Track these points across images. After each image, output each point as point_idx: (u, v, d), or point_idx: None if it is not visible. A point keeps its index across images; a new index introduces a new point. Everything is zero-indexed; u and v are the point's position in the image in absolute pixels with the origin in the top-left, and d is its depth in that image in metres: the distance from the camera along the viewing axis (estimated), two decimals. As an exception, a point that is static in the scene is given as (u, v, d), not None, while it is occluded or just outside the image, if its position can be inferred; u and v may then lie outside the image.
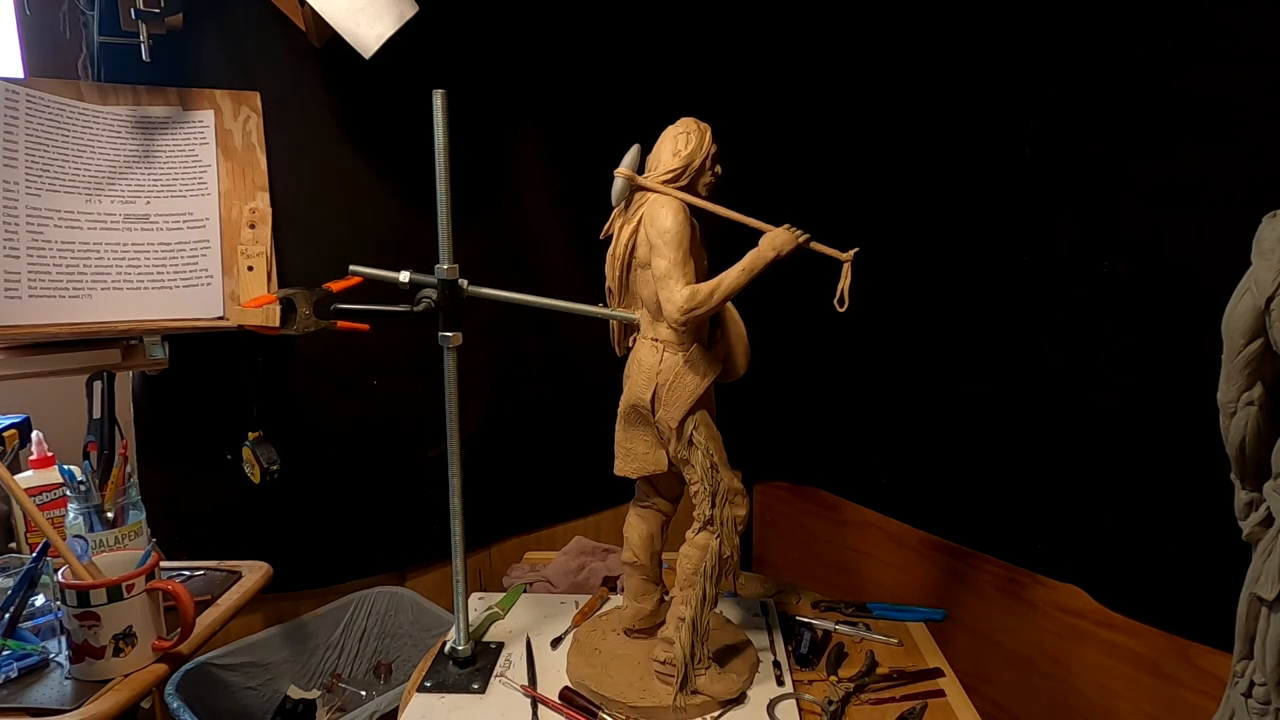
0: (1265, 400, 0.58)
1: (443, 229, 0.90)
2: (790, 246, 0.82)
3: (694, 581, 0.88)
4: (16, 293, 1.00)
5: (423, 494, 1.39)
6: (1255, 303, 0.56)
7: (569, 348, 1.53)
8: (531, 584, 1.26)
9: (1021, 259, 1.19)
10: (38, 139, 1.05)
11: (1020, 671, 1.28)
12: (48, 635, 0.91)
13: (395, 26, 1.06)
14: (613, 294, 0.92)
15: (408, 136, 1.24)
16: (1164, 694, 1.07)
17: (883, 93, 1.38)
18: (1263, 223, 0.57)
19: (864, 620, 1.10)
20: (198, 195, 1.15)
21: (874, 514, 1.55)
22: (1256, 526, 0.61)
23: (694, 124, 0.87)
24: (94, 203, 1.08)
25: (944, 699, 0.93)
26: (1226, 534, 0.64)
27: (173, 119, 1.14)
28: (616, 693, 0.90)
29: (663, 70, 1.52)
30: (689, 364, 0.85)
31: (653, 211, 0.84)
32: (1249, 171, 0.90)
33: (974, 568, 1.35)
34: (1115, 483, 1.10)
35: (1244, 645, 0.61)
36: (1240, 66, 0.91)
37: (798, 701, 0.91)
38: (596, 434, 1.04)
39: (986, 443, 1.28)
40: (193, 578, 1.04)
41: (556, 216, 1.49)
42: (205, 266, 1.13)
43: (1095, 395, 1.11)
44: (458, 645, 0.98)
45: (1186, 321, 0.98)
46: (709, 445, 0.87)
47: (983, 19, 1.20)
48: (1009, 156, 1.18)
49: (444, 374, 0.93)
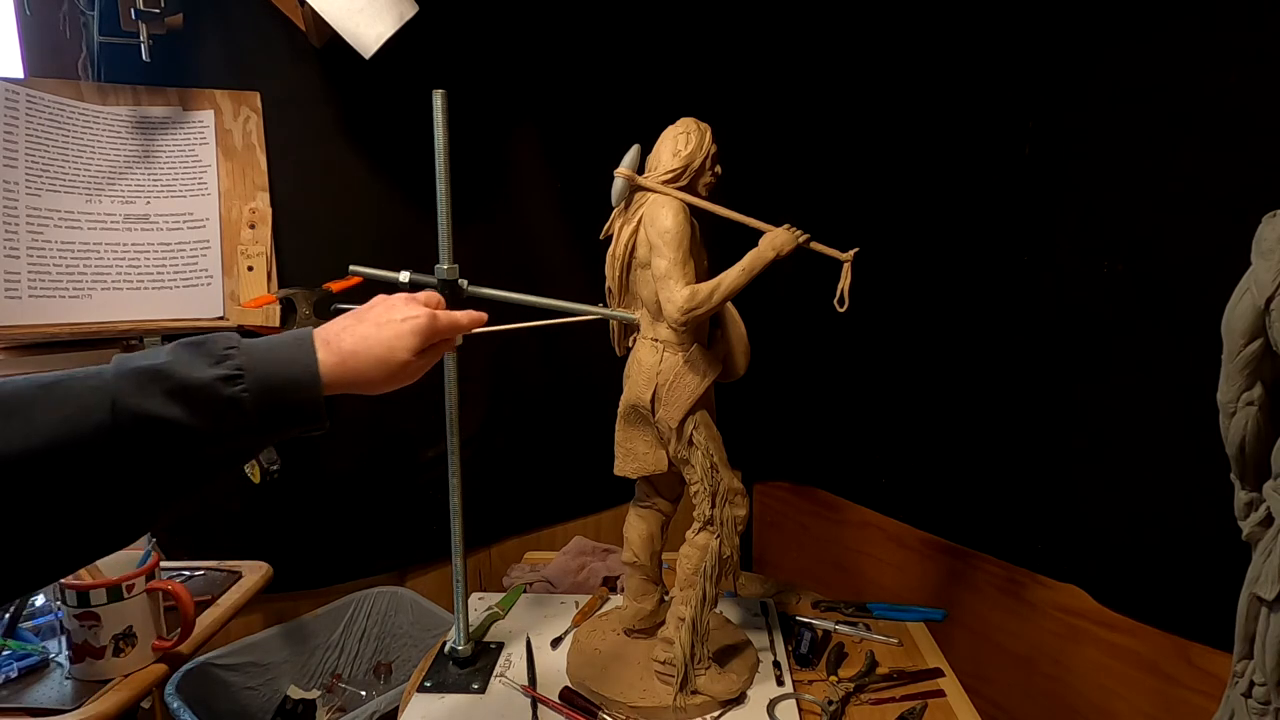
0: (1265, 400, 0.58)
1: (443, 229, 0.90)
2: (790, 247, 0.82)
3: (694, 581, 0.88)
4: (16, 293, 1.00)
5: (423, 494, 1.39)
6: (1255, 303, 0.56)
7: (569, 348, 1.53)
8: (531, 584, 1.26)
9: (1021, 259, 1.19)
10: (38, 139, 1.05)
11: (1020, 671, 1.28)
12: (48, 635, 0.91)
13: (395, 26, 1.06)
14: (613, 294, 0.92)
15: (407, 137, 1.24)
16: (1164, 694, 1.07)
17: (883, 93, 1.38)
18: (1263, 223, 0.57)
19: (864, 620, 1.10)
20: (198, 195, 1.15)
21: (874, 514, 1.55)
22: (1256, 526, 0.61)
23: (694, 124, 0.87)
24: (94, 203, 1.08)
25: (944, 699, 0.93)
26: (1226, 534, 0.64)
27: (173, 119, 1.14)
28: (617, 693, 0.90)
29: (663, 70, 1.52)
30: (689, 364, 0.85)
31: (653, 211, 0.84)
32: (1249, 171, 0.90)
33: (974, 568, 1.35)
34: (1115, 483, 1.10)
35: (1244, 645, 0.61)
36: (1240, 66, 0.91)
37: (798, 701, 0.91)
38: (596, 434, 1.04)
39: (986, 443, 1.28)
40: (193, 578, 1.04)
41: (556, 217, 1.49)
42: (205, 266, 1.13)
43: (1095, 395, 1.11)
44: (458, 645, 0.98)
45: (1186, 321, 0.98)
46: (709, 445, 0.87)
47: (983, 19, 1.20)
48: (1009, 156, 1.18)
49: (444, 374, 0.93)
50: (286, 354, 0.53)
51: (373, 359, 0.57)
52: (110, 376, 0.47)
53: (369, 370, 0.57)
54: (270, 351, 0.52)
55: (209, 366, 0.49)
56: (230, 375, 0.49)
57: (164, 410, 0.47)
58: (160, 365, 0.48)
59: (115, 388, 0.46)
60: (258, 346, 0.52)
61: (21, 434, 0.43)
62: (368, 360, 0.57)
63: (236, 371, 0.50)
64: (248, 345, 0.52)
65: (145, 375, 0.47)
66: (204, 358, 0.50)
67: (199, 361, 0.49)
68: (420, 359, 0.61)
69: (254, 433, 0.51)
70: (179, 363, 0.49)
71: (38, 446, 0.43)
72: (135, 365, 0.48)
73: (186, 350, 0.50)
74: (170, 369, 0.48)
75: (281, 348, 0.53)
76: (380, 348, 0.58)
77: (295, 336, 0.55)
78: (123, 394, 0.46)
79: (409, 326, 0.60)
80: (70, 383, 0.46)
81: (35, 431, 0.43)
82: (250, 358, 0.51)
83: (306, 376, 0.53)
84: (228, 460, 0.51)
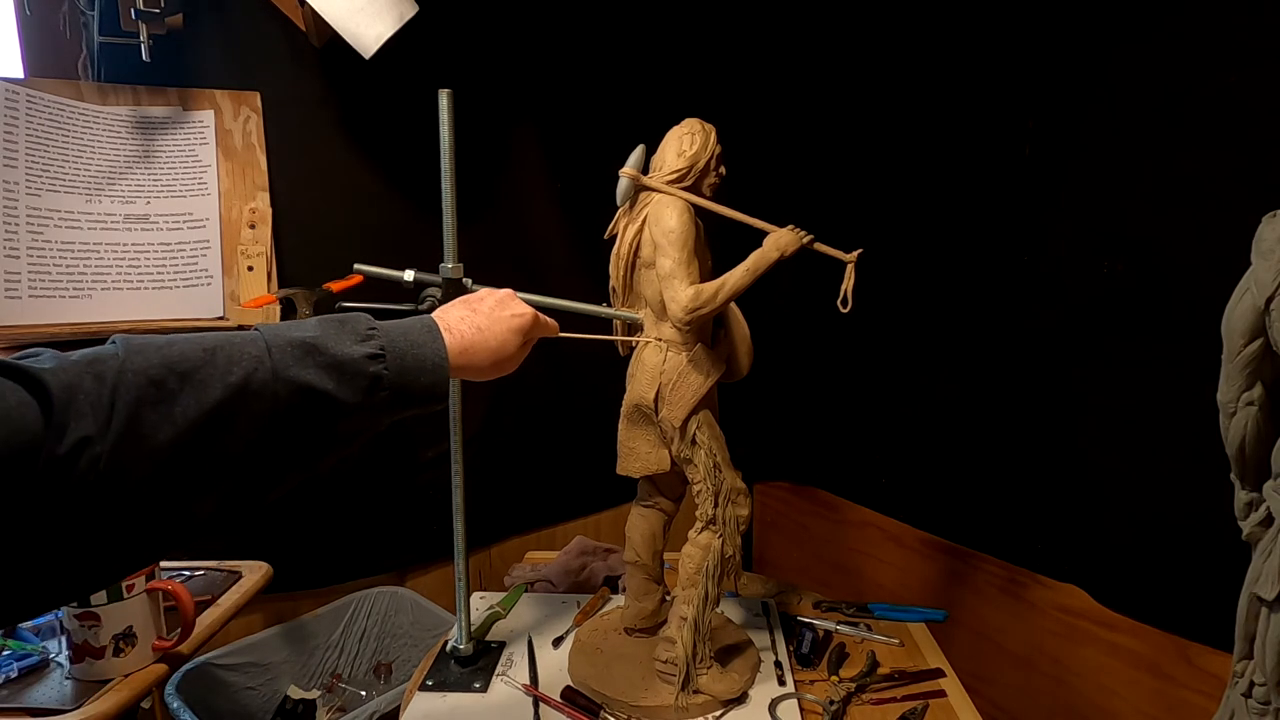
0: (1265, 400, 0.58)
1: (447, 228, 0.90)
2: (794, 247, 0.82)
3: (696, 581, 0.88)
4: (16, 293, 1.00)
5: (423, 494, 1.39)
6: (1255, 303, 0.56)
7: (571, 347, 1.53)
8: (533, 584, 1.25)
9: (1021, 259, 1.19)
10: (38, 139, 1.05)
11: (1020, 671, 1.28)
12: (48, 635, 0.90)
13: (395, 26, 1.06)
14: (617, 293, 0.92)
15: (408, 136, 1.24)
16: (1164, 694, 1.07)
17: (885, 93, 1.38)
18: (1263, 223, 0.57)
19: (865, 620, 1.10)
20: (198, 195, 1.15)
21: (874, 514, 1.55)
22: (1256, 526, 0.61)
23: (699, 124, 0.87)
24: (94, 203, 1.08)
25: (945, 699, 0.93)
26: (1226, 534, 0.64)
27: (173, 119, 1.14)
28: (618, 692, 0.90)
29: (667, 70, 1.52)
30: (693, 364, 0.86)
31: (657, 211, 0.84)
32: (1249, 171, 0.91)
33: (974, 568, 1.35)
34: (1115, 483, 1.10)
35: (1244, 645, 0.62)
36: (1240, 66, 0.91)
37: (799, 701, 0.91)
38: (597, 434, 1.04)
39: (987, 443, 1.28)
40: (193, 578, 1.04)
41: (560, 216, 1.49)
42: (205, 266, 1.13)
43: (1095, 395, 1.11)
44: (459, 644, 0.98)
45: (1186, 321, 0.98)
46: (712, 445, 0.87)
47: (983, 19, 1.20)
48: (1009, 156, 1.19)
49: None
50: (419, 338, 0.56)
51: (488, 350, 0.62)
52: (266, 345, 0.48)
53: (483, 358, 0.62)
54: (405, 335, 0.56)
55: (355, 344, 0.52)
56: (375, 354, 0.52)
57: (320, 382, 0.49)
58: (313, 339, 0.50)
59: (277, 358, 0.48)
60: (394, 330, 0.56)
61: (196, 398, 0.44)
62: (483, 351, 0.62)
63: (380, 351, 0.52)
64: (385, 328, 0.55)
65: (302, 347, 0.49)
66: (350, 335, 0.52)
67: (346, 338, 0.52)
68: (522, 352, 0.67)
69: (388, 409, 0.53)
70: (329, 338, 0.51)
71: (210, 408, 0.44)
72: (290, 336, 0.50)
73: (333, 326, 0.52)
74: (323, 343, 0.50)
75: (415, 332, 0.57)
76: (495, 340, 0.63)
77: (423, 323, 0.58)
78: (283, 364, 0.48)
79: (518, 323, 0.65)
80: (230, 349, 0.47)
81: (209, 396, 0.44)
82: (390, 339, 0.54)
83: (437, 359, 0.56)
84: (360, 433, 0.53)
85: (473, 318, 0.63)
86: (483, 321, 0.63)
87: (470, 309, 0.64)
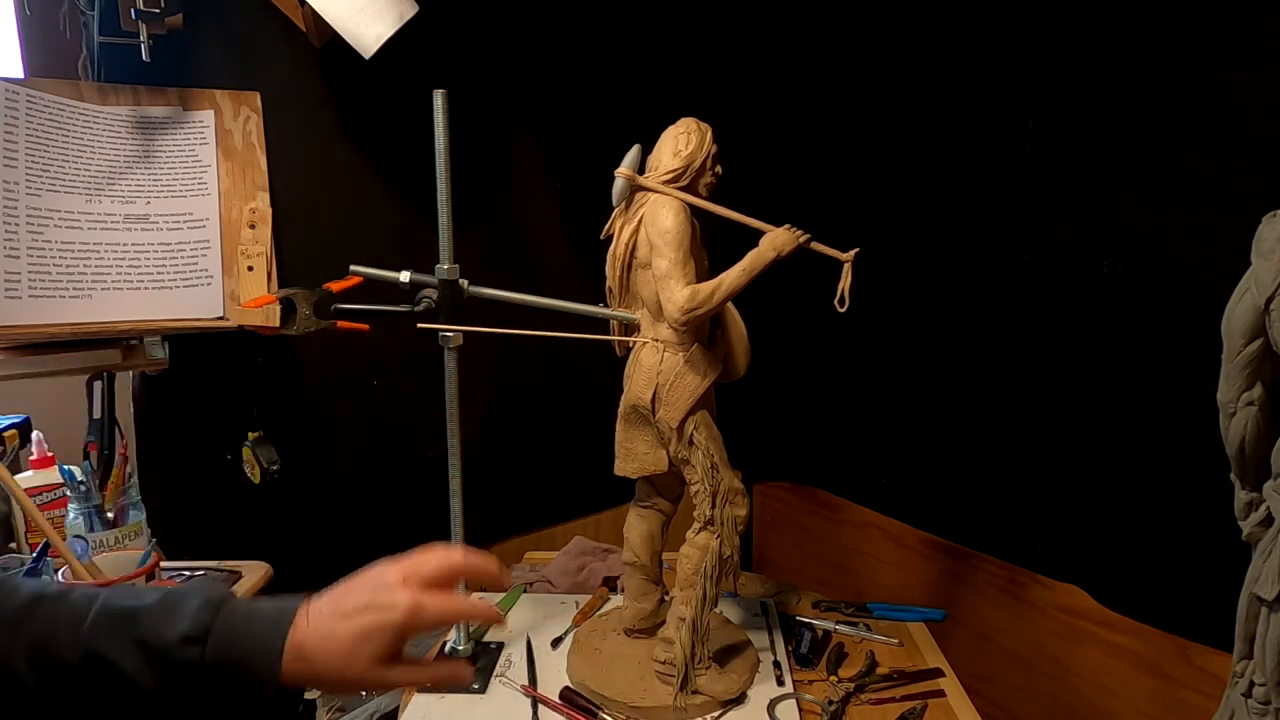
0: (1265, 400, 0.58)
1: (443, 229, 0.90)
2: (791, 247, 0.82)
3: (694, 581, 0.88)
4: (16, 293, 1.00)
5: (423, 494, 1.38)
6: (1255, 303, 0.56)
7: (569, 348, 1.53)
8: (531, 584, 1.26)
9: (1021, 259, 1.19)
10: (38, 139, 1.05)
11: (1020, 671, 1.28)
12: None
13: (395, 27, 1.06)
14: (613, 294, 0.92)
15: (408, 137, 1.24)
16: (1164, 694, 1.07)
17: (883, 93, 1.38)
18: (1263, 223, 0.57)
19: (864, 620, 1.10)
20: (198, 195, 1.15)
21: (874, 514, 1.55)
22: (1256, 526, 0.61)
23: (695, 124, 0.87)
24: (94, 203, 1.08)
25: (944, 699, 0.93)
26: (1226, 534, 0.64)
27: (173, 119, 1.14)
28: (617, 693, 0.90)
29: (663, 70, 1.52)
30: (689, 364, 0.85)
31: (653, 211, 0.84)
32: (1249, 171, 0.90)
33: (974, 568, 1.35)
34: (1115, 483, 1.10)
35: (1244, 645, 0.61)
36: (1240, 66, 0.91)
37: (798, 701, 0.91)
38: (596, 434, 1.04)
39: (986, 443, 1.28)
40: (193, 578, 1.04)
41: (556, 217, 1.49)
42: (205, 266, 1.13)
43: (1095, 395, 1.11)
44: (458, 645, 0.98)
45: (1186, 321, 0.98)
46: (709, 445, 0.87)
47: (983, 19, 1.20)
48: (1009, 156, 1.18)
49: (444, 374, 0.93)
50: (260, 628, 0.50)
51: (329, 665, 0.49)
52: (95, 610, 0.48)
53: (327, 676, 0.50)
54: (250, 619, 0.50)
55: (180, 622, 0.48)
56: (193, 637, 0.48)
57: (119, 657, 0.47)
58: (139, 609, 0.49)
59: (92, 622, 0.48)
60: (241, 611, 0.50)
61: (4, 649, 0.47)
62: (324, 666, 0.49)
63: (200, 634, 0.48)
64: (233, 606, 0.50)
65: (122, 617, 0.48)
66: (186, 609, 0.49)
67: (173, 618, 0.48)
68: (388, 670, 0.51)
69: (199, 697, 0.48)
70: (157, 610, 0.49)
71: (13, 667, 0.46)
72: (118, 605, 0.49)
73: (175, 598, 0.50)
74: (145, 616, 0.49)
75: (260, 620, 0.50)
76: (338, 654, 0.49)
77: (279, 610, 0.50)
78: (94, 632, 0.47)
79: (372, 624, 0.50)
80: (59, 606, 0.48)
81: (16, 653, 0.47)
82: (228, 621, 0.49)
83: (265, 665, 0.48)
84: (162, 714, 0.50)
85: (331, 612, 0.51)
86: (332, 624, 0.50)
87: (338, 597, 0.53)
